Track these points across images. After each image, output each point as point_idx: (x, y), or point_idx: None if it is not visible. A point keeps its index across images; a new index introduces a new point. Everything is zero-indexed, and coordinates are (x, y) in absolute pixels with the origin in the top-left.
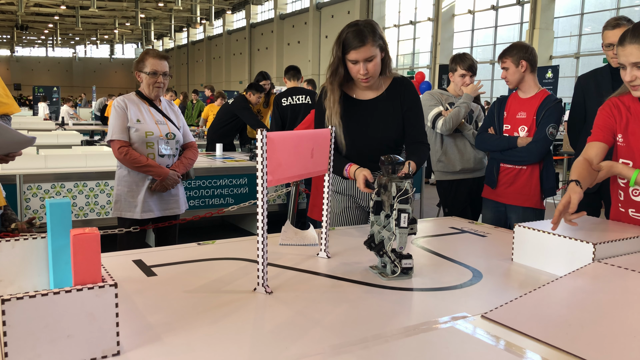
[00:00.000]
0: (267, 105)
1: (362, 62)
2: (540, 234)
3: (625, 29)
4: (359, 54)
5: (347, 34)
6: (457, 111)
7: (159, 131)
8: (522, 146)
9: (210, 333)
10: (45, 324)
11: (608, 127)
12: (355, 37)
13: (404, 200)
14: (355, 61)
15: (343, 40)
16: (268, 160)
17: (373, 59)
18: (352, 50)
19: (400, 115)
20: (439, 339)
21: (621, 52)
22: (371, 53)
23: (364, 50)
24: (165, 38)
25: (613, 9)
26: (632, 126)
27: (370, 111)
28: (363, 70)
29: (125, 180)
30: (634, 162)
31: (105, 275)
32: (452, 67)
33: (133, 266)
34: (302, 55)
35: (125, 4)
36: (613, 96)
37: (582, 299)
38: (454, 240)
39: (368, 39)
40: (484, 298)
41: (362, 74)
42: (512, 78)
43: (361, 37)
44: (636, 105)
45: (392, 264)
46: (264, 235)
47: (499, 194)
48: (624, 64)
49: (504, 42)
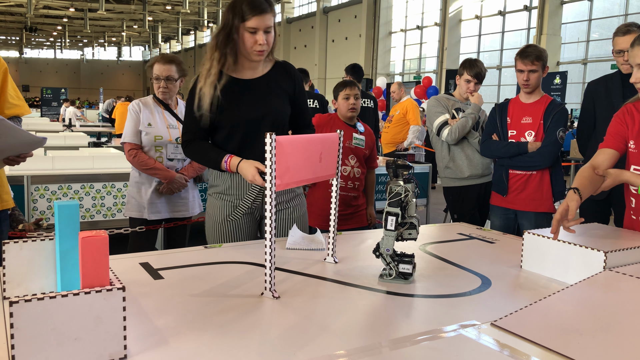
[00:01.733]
0: None
1: (261, 31)
2: (550, 241)
3: (637, 35)
4: (261, 20)
5: (246, 2)
6: (464, 122)
7: (169, 135)
8: (533, 151)
9: (217, 338)
10: (53, 326)
11: (620, 134)
12: (258, 4)
13: (393, 203)
14: (254, 30)
15: (242, 8)
16: (277, 164)
17: (270, 30)
18: (254, 16)
19: (287, 98)
20: (448, 347)
21: (631, 52)
22: (270, 23)
23: (267, 18)
24: (173, 41)
25: (621, 15)
26: None
27: (254, 91)
28: (262, 40)
29: (136, 181)
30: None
31: (113, 278)
32: (460, 71)
33: (140, 269)
34: (308, 59)
35: (133, 7)
36: (629, 102)
37: (593, 308)
38: (462, 246)
39: (269, 8)
40: (493, 305)
41: (261, 44)
42: (537, 82)
43: (263, 5)
44: None
45: (388, 267)
46: (272, 240)
47: (509, 201)
48: (632, 64)
49: (511, 48)
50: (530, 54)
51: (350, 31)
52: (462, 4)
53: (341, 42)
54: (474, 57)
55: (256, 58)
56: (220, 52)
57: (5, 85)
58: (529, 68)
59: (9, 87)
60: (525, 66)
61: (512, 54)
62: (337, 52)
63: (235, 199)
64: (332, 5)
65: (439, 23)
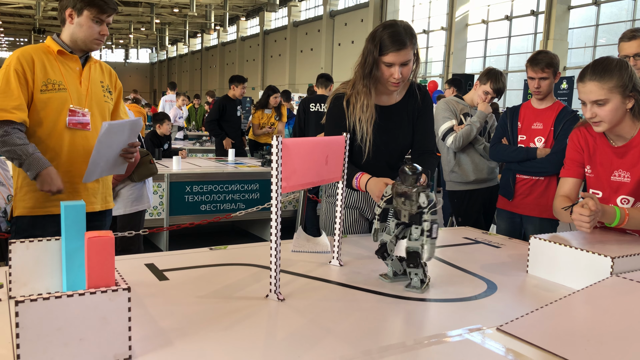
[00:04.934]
0: (279, 117)
1: (397, 65)
2: (556, 246)
3: (585, 66)
4: (398, 57)
5: (386, 35)
6: (468, 130)
7: None
8: (542, 157)
9: (222, 339)
10: (58, 326)
11: (576, 161)
12: (396, 39)
13: (434, 212)
14: (390, 64)
15: (380, 41)
16: (283, 167)
17: (408, 63)
18: (391, 52)
19: (412, 122)
20: (453, 351)
21: (581, 88)
22: (409, 57)
23: (404, 54)
24: (180, 43)
25: (629, 20)
26: (600, 157)
27: (389, 118)
28: (397, 75)
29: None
30: (602, 192)
31: (119, 278)
32: (483, 80)
33: (145, 270)
34: (314, 63)
35: (141, 10)
36: (581, 125)
37: (600, 314)
38: (467, 250)
39: (408, 42)
40: (499, 310)
41: (396, 78)
42: (548, 89)
43: (402, 40)
44: (602, 136)
45: (424, 275)
46: (278, 242)
47: (515, 205)
48: (585, 101)
49: (518, 53)
50: (540, 61)
51: (356, 35)
52: (469, 8)
53: (348, 46)
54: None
55: (392, 88)
56: (367, 82)
57: (119, 102)
58: (540, 75)
59: (121, 104)
60: (536, 74)
61: (519, 59)
62: (343, 56)
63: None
64: (339, 9)
65: (446, 27)
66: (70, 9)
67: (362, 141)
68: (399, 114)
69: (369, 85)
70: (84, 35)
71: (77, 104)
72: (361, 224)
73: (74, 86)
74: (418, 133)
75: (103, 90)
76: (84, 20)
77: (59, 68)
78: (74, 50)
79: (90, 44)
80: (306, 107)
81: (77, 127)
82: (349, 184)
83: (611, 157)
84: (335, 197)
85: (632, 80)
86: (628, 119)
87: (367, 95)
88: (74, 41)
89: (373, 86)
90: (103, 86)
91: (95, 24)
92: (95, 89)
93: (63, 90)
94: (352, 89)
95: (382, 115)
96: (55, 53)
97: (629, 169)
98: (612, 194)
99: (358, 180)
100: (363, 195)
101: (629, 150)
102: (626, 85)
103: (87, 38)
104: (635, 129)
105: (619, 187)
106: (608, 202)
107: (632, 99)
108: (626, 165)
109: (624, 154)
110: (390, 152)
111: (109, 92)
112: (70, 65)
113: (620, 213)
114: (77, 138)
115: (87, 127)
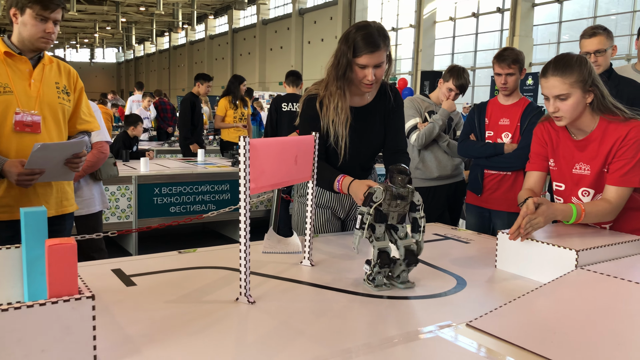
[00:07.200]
0: (245, 105)
1: (371, 67)
2: (523, 240)
3: (547, 62)
4: (372, 59)
5: (359, 37)
6: (430, 127)
7: None
8: (509, 152)
9: (191, 345)
10: (18, 338)
11: (541, 154)
12: (369, 41)
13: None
14: (364, 66)
15: (354, 43)
16: (251, 168)
17: (382, 64)
18: (365, 54)
19: (384, 122)
20: (425, 349)
21: (544, 83)
22: (382, 59)
23: (377, 56)
24: (147, 42)
25: (590, 17)
26: (562, 150)
27: (362, 119)
28: (371, 77)
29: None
30: (565, 185)
31: (82, 286)
32: (446, 77)
33: (112, 275)
34: (284, 61)
35: (106, 8)
36: (544, 120)
37: (566, 306)
38: (437, 247)
39: (382, 44)
40: (468, 306)
41: (370, 80)
42: (514, 85)
43: (375, 42)
44: (564, 129)
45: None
46: (247, 245)
47: (484, 200)
48: (547, 95)
49: (485, 49)
50: (507, 57)
51: (326, 33)
52: (436, 5)
53: (317, 44)
54: (448, 58)
55: (365, 90)
56: (340, 84)
57: (80, 102)
58: (506, 71)
59: (83, 105)
60: (503, 70)
61: (486, 55)
62: (313, 54)
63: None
64: (308, 7)
65: (414, 25)
66: (14, 9)
67: (336, 143)
68: (372, 114)
69: (343, 87)
70: (29, 34)
71: (25, 106)
72: (333, 224)
73: (22, 88)
74: (390, 133)
75: (58, 92)
76: (27, 19)
77: (5, 70)
78: (23, 51)
79: (36, 43)
80: (278, 107)
81: (26, 130)
82: (330, 187)
83: (572, 151)
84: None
85: (592, 76)
86: (588, 113)
87: (342, 97)
88: (21, 41)
89: (347, 88)
90: (58, 87)
91: (40, 22)
92: (47, 90)
93: (9, 92)
94: (325, 90)
95: (355, 117)
96: (3, 55)
97: (589, 162)
98: (573, 186)
99: (340, 183)
100: (335, 195)
101: (589, 144)
102: (586, 80)
103: (32, 37)
104: (594, 122)
105: (579, 180)
106: (570, 194)
107: (592, 94)
108: (586, 158)
109: (584, 147)
110: (363, 153)
111: (65, 93)
112: (19, 66)
113: (576, 210)
114: (26, 141)
115: (37, 131)
